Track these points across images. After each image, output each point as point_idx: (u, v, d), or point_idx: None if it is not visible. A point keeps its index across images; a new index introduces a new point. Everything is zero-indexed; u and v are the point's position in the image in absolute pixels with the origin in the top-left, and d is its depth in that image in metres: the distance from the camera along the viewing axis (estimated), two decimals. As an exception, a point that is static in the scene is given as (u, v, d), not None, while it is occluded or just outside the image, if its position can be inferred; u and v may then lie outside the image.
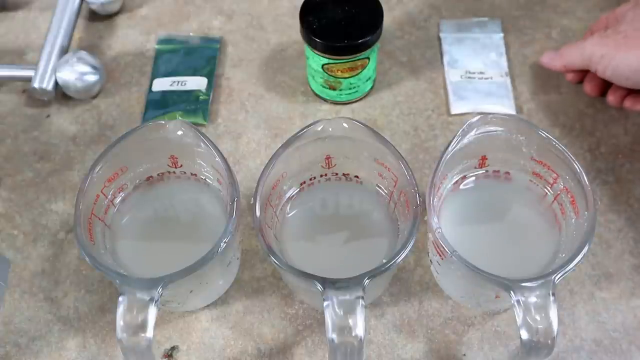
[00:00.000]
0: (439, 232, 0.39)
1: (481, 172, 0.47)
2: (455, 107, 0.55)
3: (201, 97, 0.56)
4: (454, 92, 0.56)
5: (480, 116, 0.42)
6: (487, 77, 0.56)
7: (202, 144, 0.43)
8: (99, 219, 0.44)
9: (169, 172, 0.47)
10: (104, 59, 0.59)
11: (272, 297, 0.47)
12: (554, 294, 0.36)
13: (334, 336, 0.36)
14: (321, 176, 0.47)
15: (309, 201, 0.48)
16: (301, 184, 0.47)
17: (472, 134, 0.42)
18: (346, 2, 0.51)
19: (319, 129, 0.43)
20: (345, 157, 0.46)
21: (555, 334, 0.36)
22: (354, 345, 0.36)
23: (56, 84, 0.55)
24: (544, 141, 0.42)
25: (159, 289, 0.37)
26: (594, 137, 0.53)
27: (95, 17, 0.62)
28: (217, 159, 0.42)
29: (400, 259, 0.38)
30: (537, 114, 0.55)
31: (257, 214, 0.40)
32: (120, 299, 0.37)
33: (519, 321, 0.36)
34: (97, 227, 0.43)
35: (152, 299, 0.37)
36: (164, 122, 0.43)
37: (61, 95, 0.57)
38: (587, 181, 0.40)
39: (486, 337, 0.45)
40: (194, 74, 0.57)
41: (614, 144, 0.53)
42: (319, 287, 0.37)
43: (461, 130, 0.42)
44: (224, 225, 0.40)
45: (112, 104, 0.57)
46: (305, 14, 0.51)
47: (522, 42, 0.58)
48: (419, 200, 0.40)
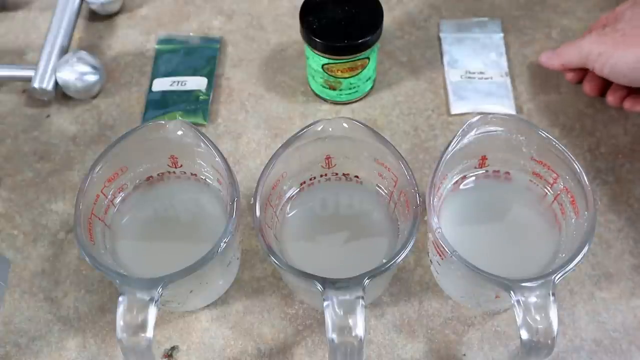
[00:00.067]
0: (439, 232, 0.39)
1: (481, 172, 0.47)
2: (455, 107, 0.55)
3: (201, 97, 0.56)
4: (454, 92, 0.56)
5: (480, 116, 0.42)
6: (487, 77, 0.56)
7: (202, 144, 0.43)
8: (99, 219, 0.44)
9: (169, 172, 0.47)
10: (104, 59, 0.59)
11: (272, 297, 0.47)
12: (554, 294, 0.36)
13: (334, 336, 0.36)
14: (321, 176, 0.47)
15: (309, 201, 0.48)
16: (301, 184, 0.47)
17: (472, 134, 0.42)
18: (346, 2, 0.51)
19: (319, 129, 0.43)
20: (345, 157, 0.46)
21: (555, 334, 0.36)
22: (354, 345, 0.36)
23: (56, 84, 0.55)
24: (544, 141, 0.42)
25: (159, 289, 0.37)
26: (594, 137, 0.53)
27: (95, 17, 0.62)
28: (217, 159, 0.42)
29: (400, 259, 0.38)
30: (537, 114, 0.55)
31: (257, 214, 0.40)
32: (120, 299, 0.37)
33: (519, 321, 0.36)
34: (97, 227, 0.43)
35: (152, 299, 0.37)
36: (164, 122, 0.43)
37: (61, 95, 0.57)
38: (587, 181, 0.40)
39: (486, 337, 0.45)
40: (194, 74, 0.57)
41: (614, 144, 0.53)
42: (319, 287, 0.37)
43: (461, 130, 0.42)
44: (224, 225, 0.40)
45: (112, 104, 0.57)
46: (305, 14, 0.51)
47: (522, 42, 0.58)
48: (419, 200, 0.40)
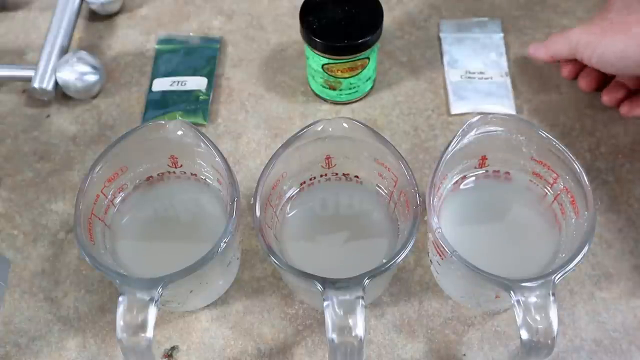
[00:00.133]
0: (439, 232, 0.39)
1: (481, 172, 0.47)
2: (455, 107, 0.55)
3: (201, 97, 0.56)
4: (454, 92, 0.56)
5: (480, 116, 0.42)
6: (487, 77, 0.56)
7: (202, 144, 0.43)
8: (99, 219, 0.44)
9: (169, 172, 0.47)
10: (104, 59, 0.59)
11: (272, 297, 0.47)
12: (554, 294, 0.36)
13: (334, 336, 0.36)
14: (321, 176, 0.47)
15: (309, 201, 0.48)
16: (301, 184, 0.47)
17: (472, 134, 0.42)
18: (346, 2, 0.51)
19: (319, 129, 0.43)
20: (345, 157, 0.46)
21: (555, 334, 0.36)
22: (354, 345, 0.36)
23: (56, 84, 0.55)
24: (544, 141, 0.42)
25: (159, 289, 0.37)
26: (594, 137, 0.53)
27: (95, 17, 0.62)
28: (217, 159, 0.42)
29: (400, 259, 0.38)
30: (537, 114, 0.55)
31: (257, 214, 0.40)
32: (120, 299, 0.37)
33: (519, 321, 0.36)
34: (97, 227, 0.43)
35: (152, 299, 0.37)
36: (164, 122, 0.43)
37: (61, 95, 0.57)
38: (587, 181, 0.40)
39: (486, 337, 0.45)
40: (194, 74, 0.57)
41: (614, 144, 0.53)
42: (319, 287, 0.37)
43: (461, 130, 0.42)
44: (224, 225, 0.40)
45: (112, 104, 0.57)
46: (305, 14, 0.51)
47: (522, 42, 0.58)
48: (419, 200, 0.40)
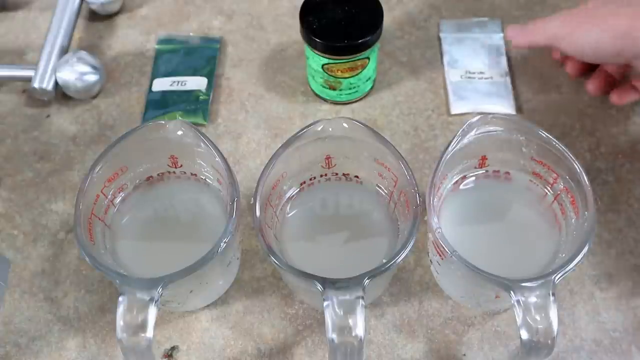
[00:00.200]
0: (439, 232, 0.39)
1: (481, 172, 0.47)
2: (455, 107, 0.55)
3: (201, 97, 0.56)
4: (454, 92, 0.56)
5: (480, 116, 0.42)
6: (487, 77, 0.56)
7: (202, 144, 0.43)
8: (99, 219, 0.44)
9: (169, 172, 0.47)
10: (104, 59, 0.59)
11: (272, 297, 0.47)
12: (554, 294, 0.36)
13: (334, 336, 0.36)
14: (321, 176, 0.47)
15: (309, 201, 0.48)
16: (301, 184, 0.47)
17: (472, 134, 0.42)
18: (346, 2, 0.51)
19: (319, 129, 0.43)
20: (345, 157, 0.46)
21: (555, 334, 0.36)
22: (354, 345, 0.36)
23: (56, 84, 0.55)
24: (544, 141, 0.42)
25: (159, 289, 0.37)
26: (594, 137, 0.53)
27: (95, 17, 0.62)
28: (217, 159, 0.42)
29: (400, 259, 0.38)
30: (537, 114, 0.55)
31: (257, 214, 0.40)
32: (120, 299, 0.37)
33: (519, 321, 0.36)
34: (97, 227, 0.43)
35: (152, 299, 0.37)
36: (164, 122, 0.43)
37: (61, 95, 0.57)
38: (587, 181, 0.40)
39: (486, 337, 0.45)
40: (194, 74, 0.57)
41: (614, 144, 0.53)
42: (319, 287, 0.37)
43: (461, 130, 0.42)
44: (224, 225, 0.40)
45: (112, 104, 0.57)
46: (305, 14, 0.51)
47: (522, 42, 0.58)
48: (419, 200, 0.40)
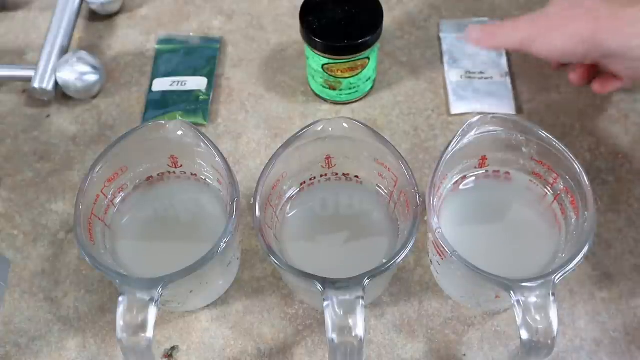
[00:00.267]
0: (439, 232, 0.39)
1: (481, 172, 0.47)
2: (455, 107, 0.55)
3: (201, 97, 0.56)
4: (454, 92, 0.56)
5: (480, 116, 0.42)
6: (487, 77, 0.56)
7: (202, 144, 0.43)
8: (99, 219, 0.44)
9: (169, 172, 0.47)
10: (104, 59, 0.59)
11: (272, 297, 0.47)
12: (554, 294, 0.36)
13: (334, 336, 0.36)
14: (321, 176, 0.47)
15: (309, 201, 0.48)
16: (301, 184, 0.47)
17: (472, 134, 0.42)
18: (346, 2, 0.51)
19: (319, 129, 0.43)
20: (345, 157, 0.46)
21: (555, 334, 0.36)
22: (354, 345, 0.36)
23: (56, 84, 0.55)
24: (544, 141, 0.42)
25: (159, 289, 0.37)
26: (594, 137, 0.53)
27: (95, 17, 0.62)
28: (217, 159, 0.42)
29: (400, 259, 0.38)
30: (537, 114, 0.55)
31: (257, 214, 0.40)
32: (120, 299, 0.37)
33: (519, 321, 0.36)
34: (97, 227, 0.43)
35: (152, 299, 0.37)
36: (164, 122, 0.43)
37: (61, 95, 0.57)
38: (587, 181, 0.40)
39: (486, 337, 0.45)
40: (194, 74, 0.57)
41: (614, 144, 0.53)
42: (319, 287, 0.37)
43: (461, 130, 0.42)
44: (224, 225, 0.40)
45: (112, 104, 0.57)
46: (305, 14, 0.51)
47: (522, 42, 0.58)
48: (419, 200, 0.40)
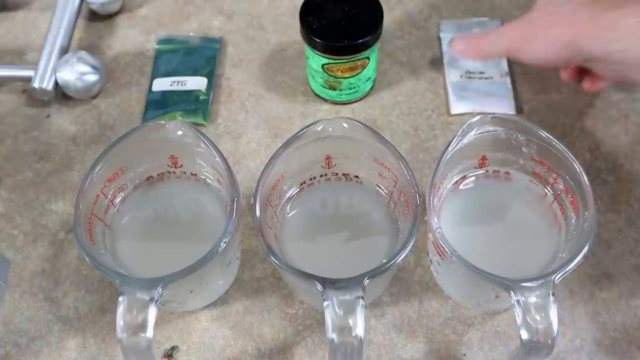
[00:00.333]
0: (439, 232, 0.39)
1: (481, 172, 0.47)
2: (455, 107, 0.55)
3: (201, 97, 0.56)
4: (454, 92, 0.56)
5: (480, 116, 0.42)
6: (487, 77, 0.56)
7: (202, 144, 0.43)
8: (99, 219, 0.44)
9: (169, 172, 0.47)
10: (104, 59, 0.59)
11: (272, 297, 0.47)
12: (554, 294, 0.36)
13: (334, 336, 0.36)
14: (321, 176, 0.47)
15: (309, 201, 0.48)
16: (301, 184, 0.47)
17: (472, 134, 0.42)
18: (346, 2, 0.51)
19: (319, 129, 0.43)
20: (345, 157, 0.46)
21: (555, 334, 0.36)
22: (354, 345, 0.36)
23: (56, 84, 0.55)
24: (544, 141, 0.42)
25: (159, 289, 0.37)
26: (594, 137, 0.53)
27: (95, 17, 0.62)
28: (217, 159, 0.42)
29: (400, 259, 0.38)
30: (537, 114, 0.55)
31: (257, 214, 0.40)
32: (120, 299, 0.37)
33: (519, 321, 0.36)
34: (97, 227, 0.43)
35: (152, 299, 0.37)
36: (164, 122, 0.43)
37: (61, 95, 0.57)
38: (587, 181, 0.40)
39: (486, 337, 0.45)
40: (194, 74, 0.57)
41: (614, 144, 0.53)
42: (319, 287, 0.37)
43: (461, 130, 0.42)
44: (224, 225, 0.40)
45: (112, 104, 0.57)
46: (305, 14, 0.51)
47: (522, 42, 0.58)
48: (419, 200, 0.40)
